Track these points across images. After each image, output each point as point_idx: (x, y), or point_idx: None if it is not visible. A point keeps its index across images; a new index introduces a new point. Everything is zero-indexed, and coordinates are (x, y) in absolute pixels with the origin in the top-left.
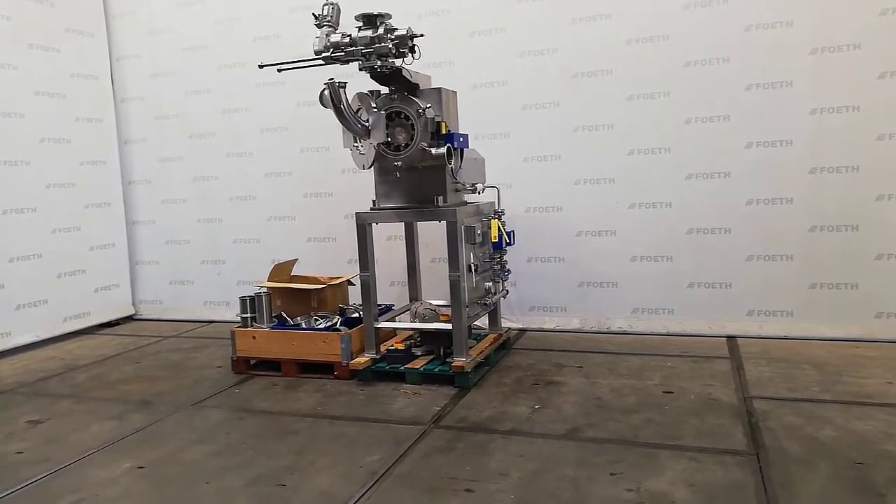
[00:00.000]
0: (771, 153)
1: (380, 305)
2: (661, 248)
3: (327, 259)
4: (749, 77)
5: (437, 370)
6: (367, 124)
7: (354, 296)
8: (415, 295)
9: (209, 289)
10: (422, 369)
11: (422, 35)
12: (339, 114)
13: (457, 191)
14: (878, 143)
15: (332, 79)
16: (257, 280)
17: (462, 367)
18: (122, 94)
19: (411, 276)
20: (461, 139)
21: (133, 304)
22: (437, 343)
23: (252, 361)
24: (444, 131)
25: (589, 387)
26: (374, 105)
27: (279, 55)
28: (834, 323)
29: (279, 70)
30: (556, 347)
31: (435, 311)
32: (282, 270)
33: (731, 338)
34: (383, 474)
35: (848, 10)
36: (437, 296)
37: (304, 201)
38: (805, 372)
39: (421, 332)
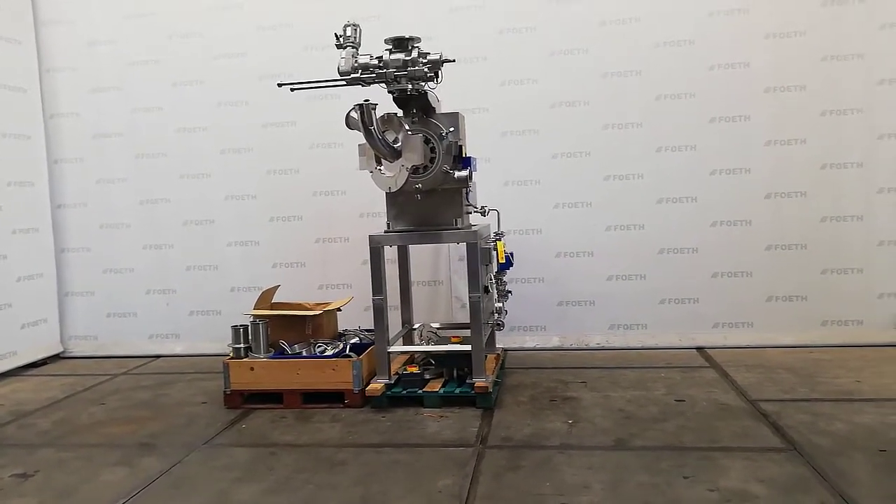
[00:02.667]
0: (732, 180)
1: (369, 330)
2: (634, 267)
3: (296, 285)
4: (713, 111)
5: (458, 392)
6: (395, 146)
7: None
8: (408, 318)
9: (156, 321)
10: (442, 392)
11: (453, 60)
12: (370, 135)
13: (467, 213)
14: (822, 172)
15: (367, 100)
16: (214, 309)
17: (486, 388)
18: (53, 108)
19: (404, 299)
20: (474, 162)
21: (62, 340)
22: (450, 365)
23: (245, 394)
24: (464, 154)
25: (604, 400)
26: (407, 127)
27: (244, 74)
28: (788, 331)
29: (292, 89)
30: (546, 365)
31: (436, 333)
32: (265, 298)
33: (700, 349)
34: (468, 497)
35: (797, 54)
36: (419, 319)
37: (271, 225)
38: (783, 376)
39: (436, 354)
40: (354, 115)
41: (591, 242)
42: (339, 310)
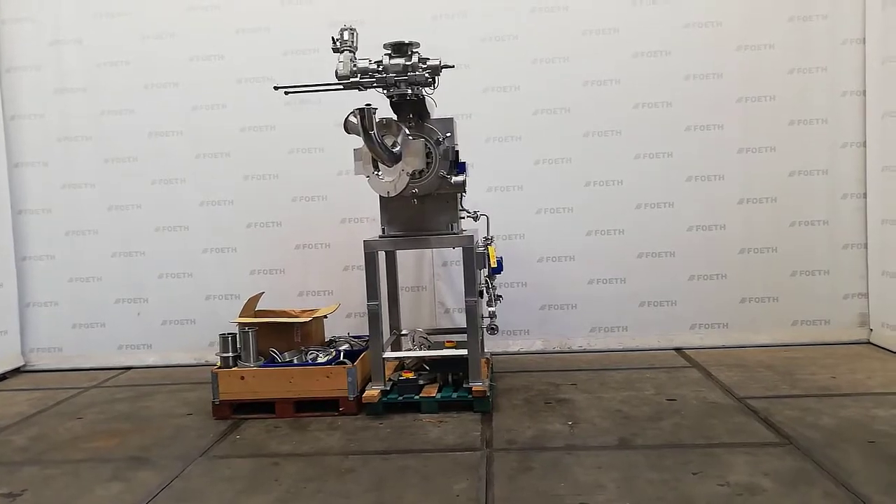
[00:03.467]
0: (707, 186)
1: (358, 337)
2: (615, 271)
3: (275, 292)
4: (688, 120)
5: (455, 397)
6: (393, 150)
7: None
8: (396, 324)
9: (126, 331)
10: (439, 397)
11: (452, 66)
12: (370, 140)
13: (461, 217)
14: (790, 179)
15: (369, 104)
16: (188, 318)
17: (484, 392)
18: (13, 110)
19: (393, 305)
20: (465, 167)
21: (23, 353)
22: (445, 370)
23: (234, 405)
24: (460, 159)
25: (598, 401)
26: (407, 132)
27: (221, 77)
28: (761, 331)
29: (286, 92)
30: (532, 368)
31: (427, 338)
32: (249, 306)
33: (678, 349)
34: (486, 500)
35: (767, 66)
36: (403, 325)
37: (248, 231)
38: (764, 374)
39: (431, 359)
40: (353, 119)
41: (572, 247)
42: (325, 317)
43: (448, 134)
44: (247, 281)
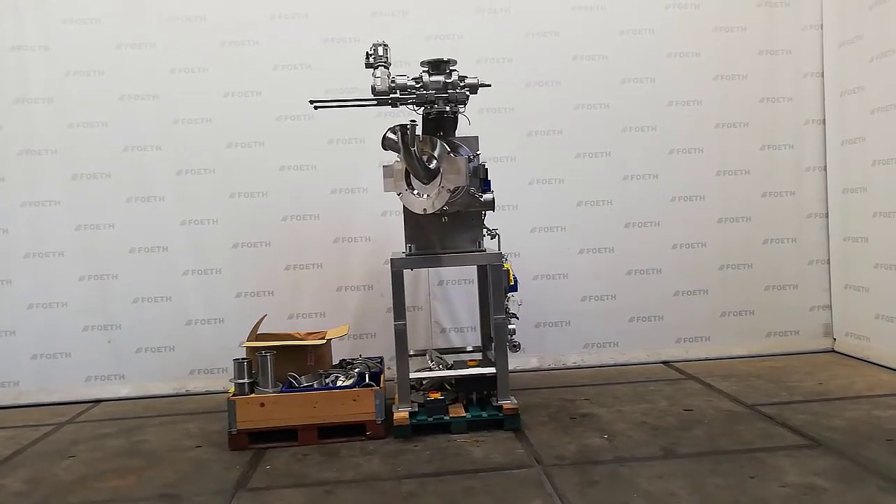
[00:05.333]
0: (689, 206)
1: (373, 358)
2: (606, 288)
3: (263, 313)
4: (672, 144)
5: (486, 415)
6: (430, 167)
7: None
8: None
9: (95, 360)
10: (469, 416)
11: (489, 85)
12: (410, 156)
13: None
14: (763, 199)
15: (412, 121)
16: (166, 345)
17: (516, 410)
18: None
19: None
20: (490, 184)
21: None
22: (469, 389)
23: (251, 434)
24: (488, 177)
25: (619, 415)
26: (448, 149)
27: (205, 90)
28: (739, 343)
29: (315, 107)
30: (536, 385)
31: (442, 357)
32: (253, 331)
33: (665, 363)
34: None
35: (741, 95)
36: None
37: (234, 252)
38: (757, 383)
39: (455, 379)
40: (392, 136)
41: (566, 265)
42: (341, 337)
43: (478, 152)
44: (232, 304)
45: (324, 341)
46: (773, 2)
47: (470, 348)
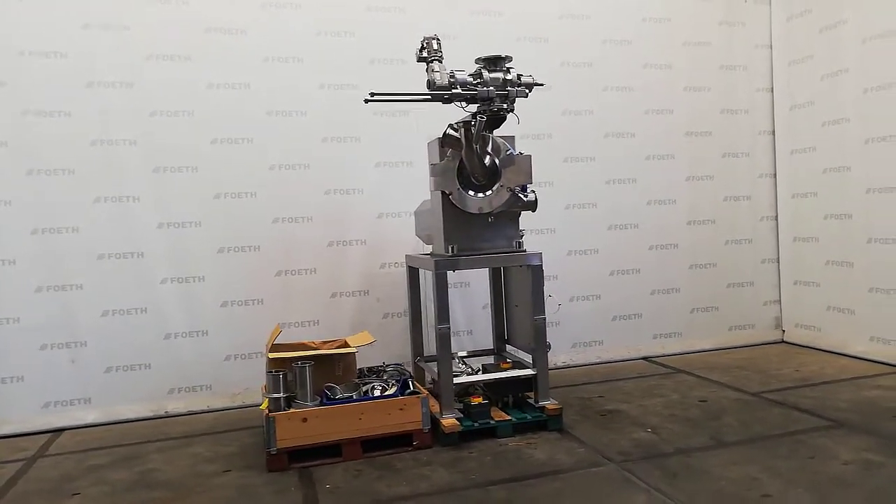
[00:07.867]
0: (663, 209)
1: (394, 364)
2: (591, 288)
3: (251, 325)
4: (648, 150)
5: (530, 417)
6: (486, 165)
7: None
8: (418, 350)
9: (55, 383)
10: (514, 419)
11: (542, 84)
12: (472, 154)
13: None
14: (724, 203)
15: (482, 116)
16: (141, 362)
17: (560, 410)
18: None
19: (416, 328)
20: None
21: None
22: (505, 392)
23: (290, 452)
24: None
25: (643, 409)
26: (508, 147)
27: (187, 80)
28: (706, 338)
29: (366, 101)
30: None
31: (464, 361)
32: (270, 341)
33: (645, 358)
34: None
35: (706, 107)
36: (395, 353)
37: (219, 257)
38: (742, 373)
39: (492, 382)
40: (453, 132)
41: (555, 266)
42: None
43: (521, 152)
44: (217, 314)
45: (355, 349)
46: (732, 21)
47: (464, 352)
